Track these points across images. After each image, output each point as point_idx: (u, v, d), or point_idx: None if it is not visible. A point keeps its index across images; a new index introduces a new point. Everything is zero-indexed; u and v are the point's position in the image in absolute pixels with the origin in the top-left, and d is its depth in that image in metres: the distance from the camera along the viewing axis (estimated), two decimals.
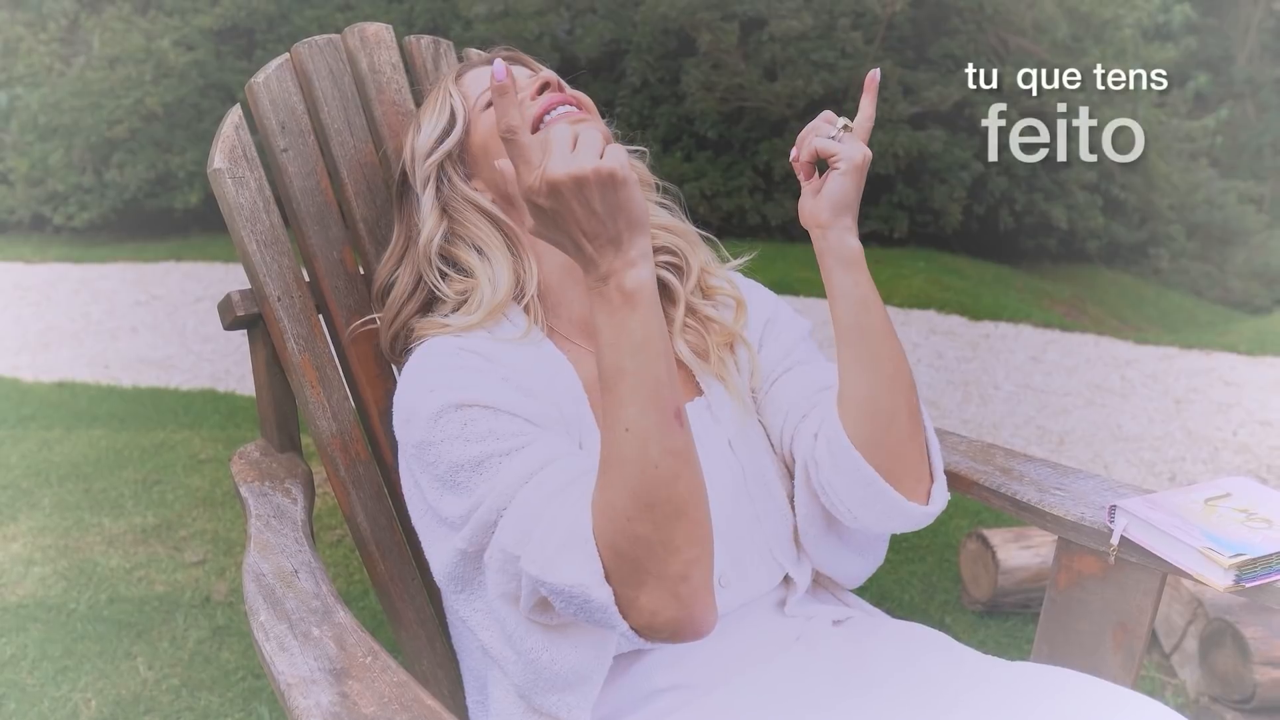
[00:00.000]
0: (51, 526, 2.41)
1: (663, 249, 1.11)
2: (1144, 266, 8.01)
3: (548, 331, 1.03)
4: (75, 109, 6.35)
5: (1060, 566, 1.13)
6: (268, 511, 1.06)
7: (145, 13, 6.95)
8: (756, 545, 1.05)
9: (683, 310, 1.08)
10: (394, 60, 1.29)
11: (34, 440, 2.97)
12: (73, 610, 2.04)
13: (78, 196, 6.42)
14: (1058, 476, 1.17)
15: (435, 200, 1.06)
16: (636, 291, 0.77)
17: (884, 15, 6.22)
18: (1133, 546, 1.03)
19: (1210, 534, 0.98)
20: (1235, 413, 3.47)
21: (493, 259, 1.03)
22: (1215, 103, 11.55)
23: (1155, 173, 7.68)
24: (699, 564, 0.78)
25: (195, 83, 6.55)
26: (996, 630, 1.98)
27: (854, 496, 1.00)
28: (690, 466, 0.78)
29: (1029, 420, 3.35)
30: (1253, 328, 5.04)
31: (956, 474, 1.19)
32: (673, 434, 0.77)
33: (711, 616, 0.80)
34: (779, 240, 6.28)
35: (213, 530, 2.39)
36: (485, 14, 6.80)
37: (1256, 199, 9.81)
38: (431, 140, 1.07)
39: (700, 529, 0.79)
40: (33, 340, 4.28)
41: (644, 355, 0.77)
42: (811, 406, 1.05)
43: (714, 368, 1.07)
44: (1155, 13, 9.38)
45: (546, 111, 1.04)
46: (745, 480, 1.05)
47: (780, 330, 1.12)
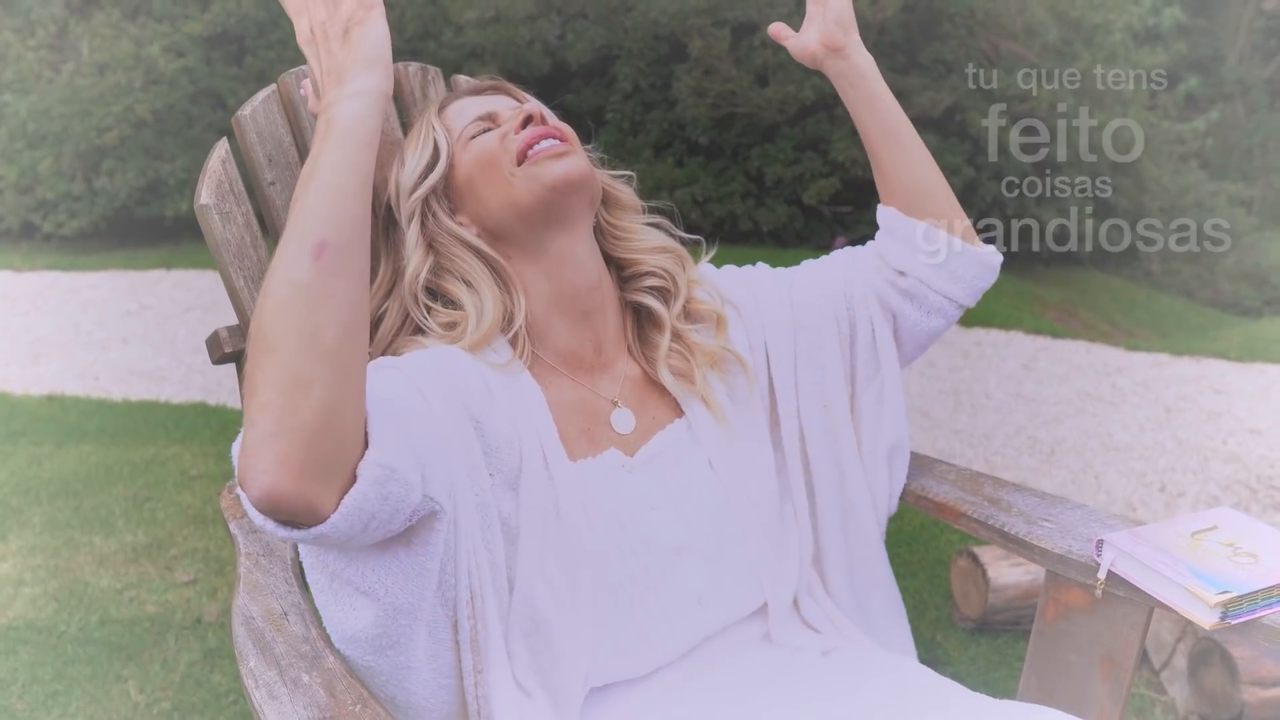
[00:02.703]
0: (42, 546, 2.40)
1: (650, 273, 1.11)
2: (1135, 269, 8.03)
3: (531, 361, 1.03)
4: (64, 116, 6.33)
5: (1048, 599, 1.13)
6: (257, 550, 1.06)
7: (135, 19, 6.93)
8: (738, 565, 1.06)
9: (669, 336, 1.08)
10: None
11: (24, 456, 2.96)
12: (63, 632, 2.04)
13: (67, 204, 6.40)
14: (1045, 507, 1.18)
15: (420, 235, 1.07)
16: (335, 122, 0.80)
17: (875, 21, 6.22)
18: (1120, 580, 1.03)
19: (1196, 570, 0.99)
20: (1225, 421, 3.48)
21: (481, 292, 1.03)
22: (1206, 103, 11.59)
23: (1146, 175, 7.70)
24: (268, 411, 0.72)
25: (185, 89, 6.53)
26: (987, 648, 1.98)
27: (935, 271, 1.14)
28: (306, 306, 0.73)
29: (1020, 430, 3.36)
30: (1242, 333, 5.06)
31: (944, 504, 1.20)
32: (298, 265, 0.74)
33: (267, 480, 0.71)
34: (771, 246, 6.28)
35: (203, 549, 2.38)
36: (476, 20, 6.79)
37: (1246, 201, 9.84)
38: (415, 176, 1.08)
39: (283, 374, 0.72)
40: (22, 352, 4.26)
41: (313, 183, 0.78)
42: (853, 271, 1.16)
43: (698, 389, 1.08)
44: (1145, 15, 9.42)
45: (530, 145, 1.04)
46: (727, 499, 1.06)
47: (780, 300, 1.15)
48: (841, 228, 6.30)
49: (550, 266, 1.05)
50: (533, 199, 1.02)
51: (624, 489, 1.02)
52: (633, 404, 1.07)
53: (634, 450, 1.04)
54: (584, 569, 0.97)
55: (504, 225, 1.04)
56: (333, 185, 0.77)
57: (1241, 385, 3.88)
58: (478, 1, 6.83)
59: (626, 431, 1.05)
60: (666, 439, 1.06)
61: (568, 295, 1.05)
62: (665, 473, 1.05)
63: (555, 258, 1.05)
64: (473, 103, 1.14)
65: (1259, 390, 3.81)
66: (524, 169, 1.03)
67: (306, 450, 0.72)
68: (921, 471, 1.25)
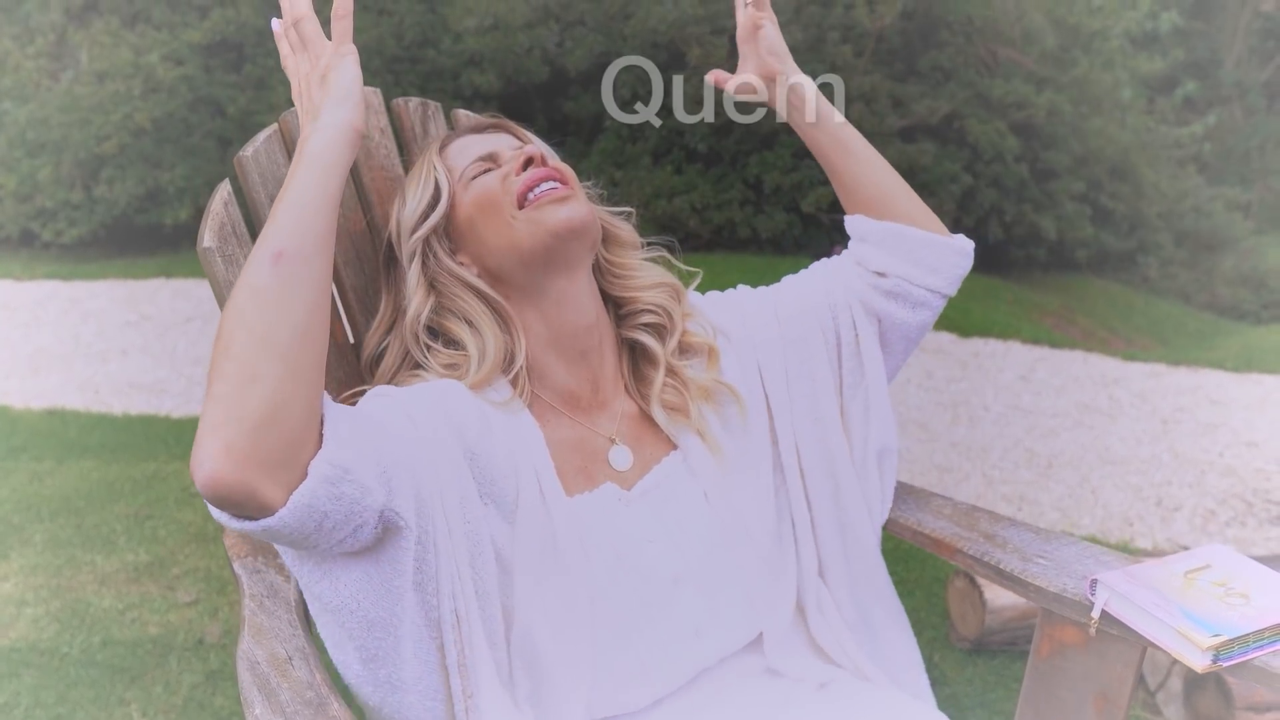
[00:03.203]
0: (44, 565, 2.41)
1: (646, 310, 1.12)
2: (1133, 274, 8.06)
3: (531, 400, 1.05)
4: (64, 124, 6.34)
5: (1043, 635, 1.15)
6: (261, 591, 1.07)
7: (133, 27, 6.94)
8: (734, 595, 1.07)
9: (663, 372, 1.10)
10: (382, 125, 1.30)
11: (25, 473, 2.97)
12: (66, 654, 2.05)
13: (66, 212, 6.40)
14: (1040, 543, 1.19)
15: (421, 275, 1.08)
16: (306, 150, 0.90)
17: (873, 29, 6.24)
18: (1113, 620, 1.05)
19: (1188, 612, 1.00)
20: (1221, 433, 3.50)
21: (483, 332, 1.05)
22: (1204, 106, 11.62)
23: (1144, 181, 7.72)
24: (218, 402, 0.76)
25: (184, 97, 6.54)
26: (984, 668, 2.00)
27: (914, 266, 1.16)
28: (261, 309, 0.80)
29: (1018, 443, 3.37)
30: (1240, 342, 5.08)
31: (940, 540, 1.21)
32: (257, 272, 0.82)
33: (210, 467, 0.75)
34: (769, 254, 6.30)
35: (205, 568, 2.39)
36: (475, 27, 6.80)
37: (1243, 205, 9.87)
38: (416, 215, 1.09)
39: (234, 369, 0.77)
40: (22, 364, 4.27)
41: (282, 203, 0.86)
42: (833, 281, 1.18)
43: (693, 423, 1.09)
44: (1143, 20, 9.44)
45: (530, 188, 1.05)
46: (723, 530, 1.07)
47: (766, 318, 1.17)
48: (840, 234, 6.30)
49: (549, 308, 1.06)
50: (534, 243, 1.03)
51: (620, 522, 1.03)
52: (630, 441, 1.09)
53: (631, 485, 1.06)
54: (582, 602, 0.98)
55: (504, 267, 1.06)
56: (297, 203, 0.86)
57: (1238, 396, 3.90)
58: (476, 9, 6.84)
59: (624, 468, 1.07)
60: (662, 473, 1.08)
61: (566, 336, 1.07)
62: (661, 505, 1.06)
63: (554, 300, 1.06)
64: (474, 141, 1.14)
65: (1255, 401, 3.83)
66: (525, 213, 1.04)
67: (251, 441, 0.76)
68: (918, 506, 1.26)
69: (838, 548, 1.18)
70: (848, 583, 1.18)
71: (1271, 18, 12.94)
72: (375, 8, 7.25)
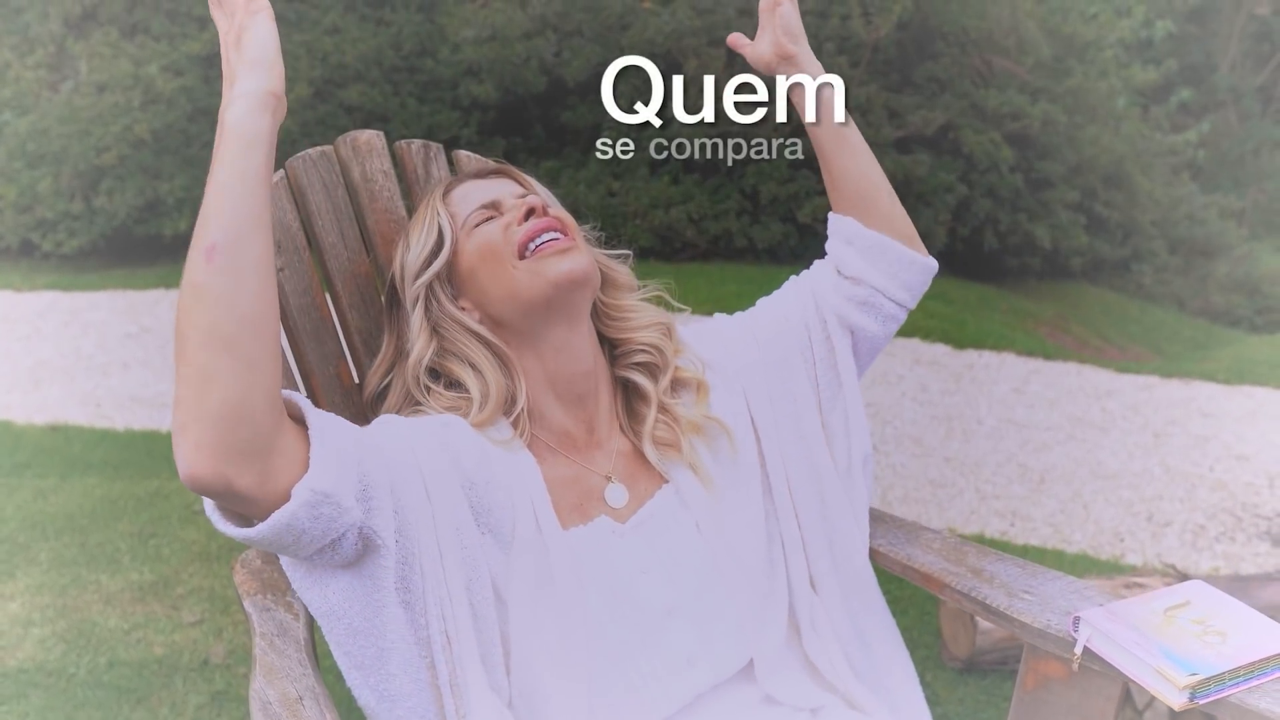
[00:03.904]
0: (49, 584, 2.44)
1: (640, 349, 1.16)
2: (1127, 282, 8.10)
3: (529, 440, 1.09)
4: (63, 136, 6.37)
5: (1028, 668, 1.18)
6: (271, 629, 1.10)
7: (133, 38, 6.97)
8: (726, 623, 1.10)
9: (655, 411, 1.13)
10: (385, 167, 1.33)
11: (29, 490, 3.00)
12: (72, 675, 2.08)
13: (66, 223, 6.44)
14: (1026, 578, 1.23)
15: (425, 320, 1.11)
16: (224, 125, 0.86)
17: (869, 40, 6.28)
18: (1095, 655, 1.08)
19: (1167, 650, 1.04)
20: (1212, 446, 3.54)
21: (485, 375, 1.08)
22: (1199, 110, 11.67)
23: (1138, 189, 7.77)
24: (182, 405, 0.81)
25: (184, 108, 6.58)
26: (975, 688, 2.03)
27: (890, 279, 1.19)
28: (203, 305, 0.81)
29: (1011, 458, 3.41)
30: (1232, 354, 5.13)
31: (930, 575, 1.24)
32: (194, 268, 0.82)
33: (185, 465, 0.81)
34: (766, 264, 6.34)
35: (209, 587, 2.43)
36: (473, 38, 6.84)
37: (1237, 213, 9.92)
38: (420, 261, 1.12)
39: (190, 369, 0.81)
40: (24, 377, 4.30)
41: (208, 187, 0.84)
42: (807, 297, 1.21)
43: (685, 457, 1.13)
44: (1137, 28, 9.49)
45: (531, 238, 1.08)
46: (714, 560, 1.10)
47: (747, 343, 1.20)
48: None
49: (549, 354, 1.10)
50: (534, 293, 1.07)
51: (615, 554, 1.06)
52: (625, 478, 1.12)
53: (625, 518, 1.09)
54: (578, 632, 1.01)
55: (505, 314, 1.09)
56: (221, 185, 0.84)
57: (1229, 409, 3.94)
58: (474, 20, 6.88)
59: (620, 505, 1.10)
60: (655, 505, 1.11)
61: (564, 381, 1.10)
62: (655, 537, 1.09)
63: (554, 347, 1.10)
64: (476, 187, 1.17)
65: (1246, 414, 3.87)
66: (526, 263, 1.07)
67: (217, 437, 0.81)
68: (908, 540, 1.29)
69: (827, 562, 1.21)
70: (840, 594, 1.21)
71: (1266, 21, 12.99)
72: (374, 18, 7.29)
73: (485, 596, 0.99)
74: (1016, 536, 2.79)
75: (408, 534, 0.95)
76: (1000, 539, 2.77)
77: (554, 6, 6.89)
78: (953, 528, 2.83)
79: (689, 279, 5.67)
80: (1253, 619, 1.09)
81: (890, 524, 1.32)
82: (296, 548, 0.89)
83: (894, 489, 3.08)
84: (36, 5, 7.06)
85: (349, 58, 6.86)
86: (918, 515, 2.88)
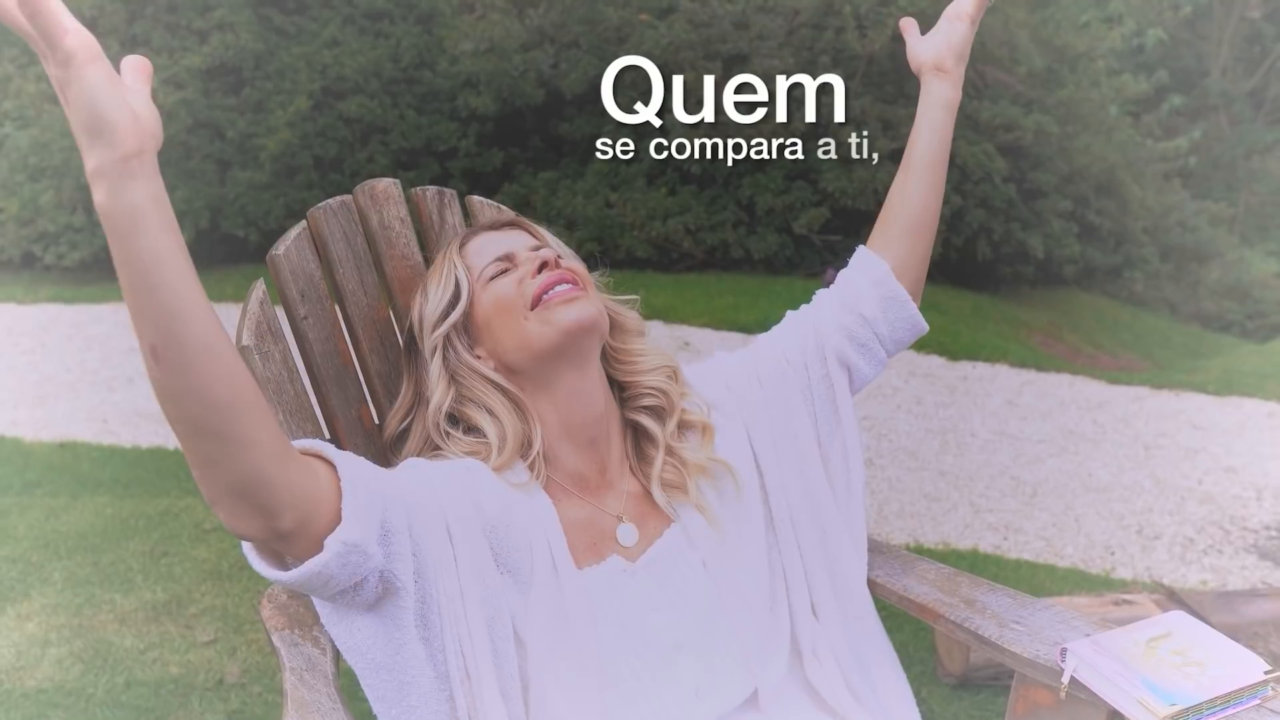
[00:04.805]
0: (64, 604, 2.49)
1: (647, 393, 1.22)
2: (1119, 288, 8.19)
3: (545, 483, 1.14)
4: (65, 149, 6.41)
5: (1018, 695, 1.24)
6: (300, 664, 1.16)
7: (132, 51, 7.01)
8: (731, 657, 1.15)
9: (663, 453, 1.19)
10: (402, 215, 1.39)
11: (40, 509, 3.05)
12: (91, 695, 2.13)
13: (68, 236, 6.48)
14: (1017, 608, 1.29)
15: (443, 369, 1.17)
16: (102, 217, 0.73)
17: (864, 53, 6.36)
18: (1081, 685, 1.14)
19: (1149, 681, 1.10)
20: (1201, 459, 3.60)
21: (502, 420, 1.14)
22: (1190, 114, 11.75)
23: (1129, 197, 7.85)
24: (201, 484, 0.85)
25: (184, 121, 6.63)
26: (969, 703, 2.10)
27: (890, 324, 1.25)
28: (173, 400, 0.80)
29: (1004, 471, 3.47)
30: (1221, 364, 5.20)
31: (925, 606, 1.30)
32: (151, 367, 0.79)
33: (229, 527, 0.87)
34: (762, 274, 6.40)
35: (222, 606, 2.48)
36: (471, 50, 6.90)
37: (1228, 219, 10.00)
38: (438, 313, 1.18)
39: (192, 455, 0.84)
40: (30, 393, 4.34)
41: (124, 291, 0.75)
42: (807, 337, 1.25)
43: (692, 499, 1.18)
44: (1129, 37, 9.57)
45: (545, 290, 1.14)
46: (720, 597, 1.16)
47: (750, 382, 1.25)
48: (832, 255, 6.42)
49: (561, 399, 1.15)
50: (545, 341, 1.12)
51: (626, 592, 1.12)
52: (635, 518, 1.18)
53: (635, 557, 1.15)
54: (592, 668, 1.07)
55: (519, 363, 1.15)
56: (129, 286, 0.76)
57: (1219, 420, 4.01)
58: (473, 32, 6.94)
59: (630, 544, 1.16)
60: (664, 545, 1.17)
61: (576, 425, 1.16)
62: (663, 576, 1.15)
63: (567, 393, 1.15)
64: (491, 240, 1.23)
65: (1234, 426, 3.94)
66: (537, 313, 1.13)
67: (243, 507, 0.86)
68: (904, 571, 1.35)
69: (828, 590, 1.26)
70: (840, 621, 1.27)
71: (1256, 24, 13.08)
72: (372, 30, 7.34)
73: (505, 634, 1.05)
74: (1010, 551, 2.85)
75: (426, 575, 1.01)
76: (994, 553, 2.83)
77: (551, 19, 6.95)
78: (947, 543, 2.89)
79: (686, 289, 5.73)
80: (1230, 650, 1.15)
81: (888, 554, 1.38)
82: (324, 590, 0.96)
83: (890, 503, 3.14)
84: None
85: (348, 70, 6.91)
86: (914, 530, 2.94)
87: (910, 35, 1.26)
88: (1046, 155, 6.99)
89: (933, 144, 1.24)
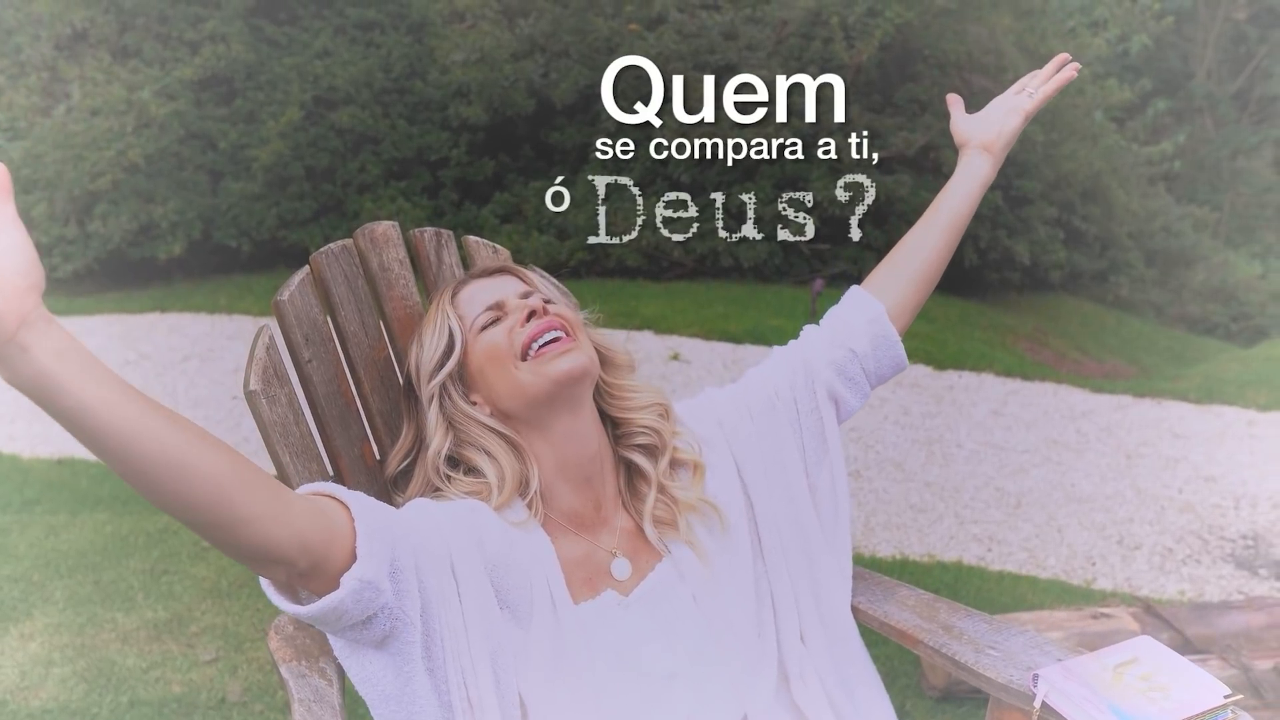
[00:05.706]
0: (66, 623, 2.54)
1: (640, 431, 1.27)
2: (1105, 293, 8.28)
3: (543, 520, 1.20)
4: (57, 161, 6.44)
5: (994, 717, 1.31)
6: (308, 696, 1.21)
7: (124, 62, 7.04)
8: (720, 686, 1.21)
9: (655, 491, 1.24)
10: (401, 256, 1.44)
11: (40, 527, 3.09)
12: (96, 714, 2.17)
13: (61, 247, 6.51)
14: (993, 633, 1.35)
15: (440, 416, 1.22)
16: (10, 385, 0.69)
17: (852, 63, 6.42)
18: (1052, 710, 1.20)
19: (1115, 707, 1.16)
20: (1182, 468, 3.68)
21: (500, 462, 1.20)
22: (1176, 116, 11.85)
23: (1115, 202, 7.95)
24: (205, 540, 0.91)
25: (176, 133, 6.66)
26: (952, 716, 2.16)
27: (878, 363, 1.32)
28: (164, 504, 0.83)
29: (989, 482, 3.54)
30: (1203, 372, 5.28)
31: (904, 632, 1.36)
32: (125, 479, 0.80)
33: (257, 574, 0.94)
34: (751, 281, 6.46)
35: (223, 624, 2.52)
36: (462, 60, 6.95)
37: (1212, 223, 10.11)
38: (433, 363, 1.23)
39: (203, 536, 0.89)
40: (26, 407, 4.33)
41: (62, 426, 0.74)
42: (796, 371, 1.31)
43: (682, 535, 1.24)
44: (1114, 42, 9.67)
45: (534, 339, 1.19)
46: (710, 628, 1.21)
47: (740, 416, 1.30)
48: (820, 264, 6.49)
49: (556, 440, 1.21)
50: (537, 390, 1.18)
51: (620, 626, 1.18)
52: (629, 553, 1.23)
53: (629, 591, 1.21)
54: (589, 700, 1.13)
55: (512, 409, 1.20)
56: (73, 434, 0.75)
57: (1199, 429, 4.08)
58: (463, 42, 6.99)
59: (624, 578, 1.22)
60: (655, 579, 1.23)
61: (571, 464, 1.21)
62: (655, 609, 1.21)
63: (561, 434, 1.21)
64: (481, 288, 1.27)
65: (1215, 434, 4.02)
66: (529, 364, 1.18)
67: (260, 568, 0.94)
68: (885, 597, 1.41)
69: (814, 616, 1.32)
70: (825, 645, 1.33)
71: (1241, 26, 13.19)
72: (363, 40, 7.38)
73: (507, 665, 1.11)
74: (993, 562, 2.92)
75: (431, 610, 1.07)
76: (978, 565, 2.90)
77: (541, 29, 7.00)
78: (933, 554, 2.96)
79: (676, 298, 5.79)
80: (1193, 674, 1.21)
81: (869, 581, 1.44)
82: (337, 624, 1.02)
83: (877, 514, 3.21)
84: (27, 28, 7.12)
85: (339, 80, 6.95)
86: (900, 542, 3.01)
87: (956, 109, 1.34)
88: (1032, 162, 7.08)
89: (961, 211, 1.32)
